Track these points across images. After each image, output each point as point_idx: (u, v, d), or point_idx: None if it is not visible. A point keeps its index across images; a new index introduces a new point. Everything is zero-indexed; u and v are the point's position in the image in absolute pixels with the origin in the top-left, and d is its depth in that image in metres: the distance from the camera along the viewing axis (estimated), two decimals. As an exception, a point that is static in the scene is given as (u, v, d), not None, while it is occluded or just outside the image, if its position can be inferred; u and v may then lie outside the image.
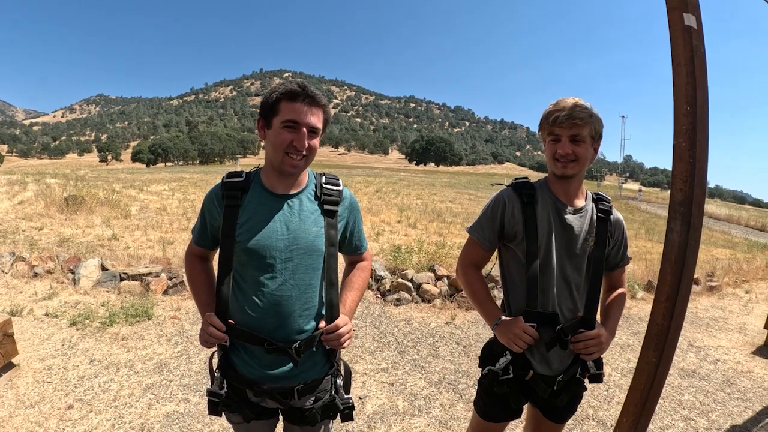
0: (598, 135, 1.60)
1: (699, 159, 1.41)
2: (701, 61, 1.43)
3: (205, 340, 1.45)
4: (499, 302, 1.81)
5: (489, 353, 1.77)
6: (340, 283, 1.63)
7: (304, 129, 1.39)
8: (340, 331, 1.49)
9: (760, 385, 4.06)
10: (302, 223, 1.47)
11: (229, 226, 1.45)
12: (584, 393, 1.85)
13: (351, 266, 1.73)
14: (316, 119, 1.41)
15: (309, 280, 1.49)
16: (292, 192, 1.50)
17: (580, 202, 1.69)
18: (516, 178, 1.73)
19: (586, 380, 1.76)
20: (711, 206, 35.41)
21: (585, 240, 1.66)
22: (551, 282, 1.63)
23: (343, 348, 1.54)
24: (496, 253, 1.81)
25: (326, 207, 1.52)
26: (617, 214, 1.74)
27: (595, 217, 1.69)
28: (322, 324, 1.51)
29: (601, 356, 1.75)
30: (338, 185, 1.56)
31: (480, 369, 1.80)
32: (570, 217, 1.65)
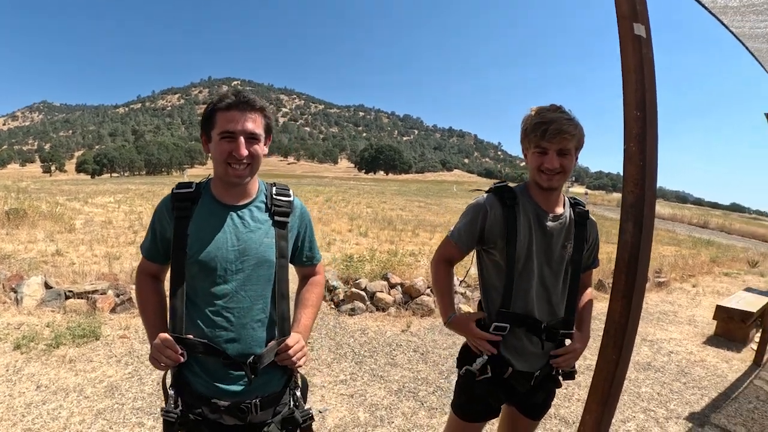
0: (581, 145, 1.63)
1: (649, 162, 1.45)
2: (650, 68, 1.48)
3: (160, 360, 1.39)
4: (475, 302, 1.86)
5: (466, 353, 1.80)
6: (293, 298, 1.62)
7: (242, 137, 1.37)
8: (290, 351, 1.46)
9: (714, 372, 4.27)
10: (252, 233, 1.45)
11: (180, 238, 1.42)
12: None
13: (304, 281, 1.70)
14: (253, 125, 1.39)
15: (260, 292, 1.46)
16: (242, 203, 1.48)
17: (559, 209, 1.71)
18: (495, 183, 1.74)
19: (560, 377, 1.82)
20: (656, 206, 37.32)
21: (563, 246, 1.70)
22: (530, 287, 1.67)
23: (298, 367, 1.52)
24: (473, 255, 1.84)
25: (277, 218, 1.50)
26: (592, 218, 1.80)
27: (573, 223, 1.73)
28: (273, 343, 1.48)
29: None
30: (289, 196, 1.55)
31: (457, 370, 1.82)
32: (550, 224, 1.67)
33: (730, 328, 5.27)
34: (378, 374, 3.91)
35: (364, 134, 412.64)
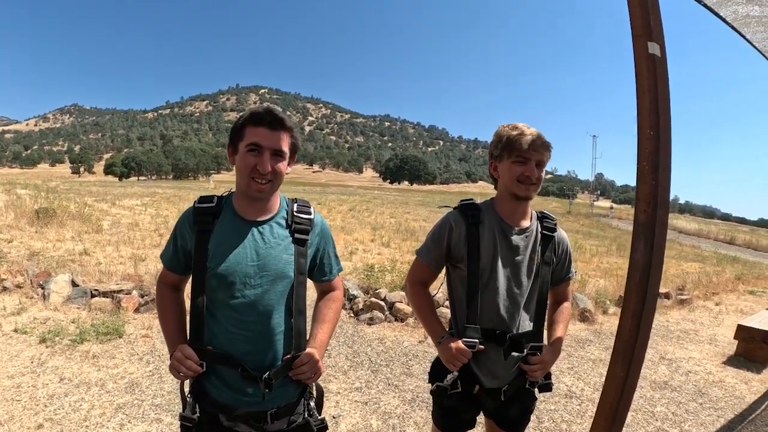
0: (548, 161, 1.71)
1: (661, 181, 1.46)
2: (664, 88, 1.50)
3: (179, 371, 1.41)
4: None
5: (437, 369, 1.84)
6: (311, 314, 1.64)
7: (267, 152, 1.40)
8: (304, 367, 1.48)
9: (732, 393, 4.18)
10: (272, 249, 1.48)
11: (201, 251, 1.45)
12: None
13: (322, 296, 1.71)
14: (280, 142, 1.43)
15: (277, 307, 1.48)
16: (263, 218, 1.50)
17: (525, 222, 1.76)
18: (462, 200, 1.79)
19: (536, 390, 1.84)
20: (681, 221, 36.37)
21: (531, 259, 1.73)
22: (496, 301, 1.69)
23: (311, 382, 1.55)
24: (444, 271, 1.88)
25: (297, 235, 1.52)
26: (561, 231, 1.84)
27: (539, 236, 1.76)
28: (288, 358, 1.50)
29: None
30: (309, 213, 1.57)
31: (429, 385, 1.86)
32: (516, 238, 1.72)
33: (752, 348, 5.13)
34: (393, 383, 3.94)
35: (390, 144, 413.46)
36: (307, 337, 1.59)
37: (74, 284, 5.47)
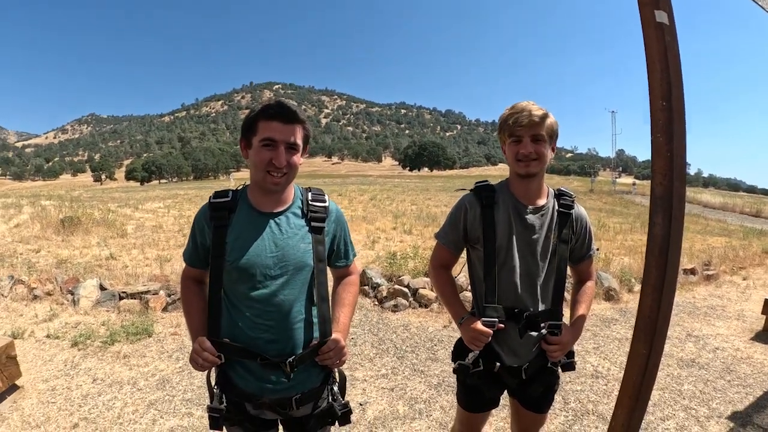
0: (555, 134, 1.69)
1: (677, 153, 1.44)
2: (675, 56, 1.47)
3: (198, 362, 1.46)
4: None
5: (459, 348, 1.86)
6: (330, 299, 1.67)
7: (282, 146, 1.42)
8: (332, 353, 1.52)
9: (760, 370, 4.09)
10: (290, 239, 1.50)
11: (218, 246, 1.47)
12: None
13: (339, 281, 1.75)
14: (294, 136, 1.44)
15: (299, 296, 1.51)
16: (279, 209, 1.53)
17: (541, 201, 1.75)
18: (477, 182, 1.79)
19: (559, 369, 1.85)
20: (705, 195, 35.51)
21: (547, 237, 1.72)
22: (514, 280, 1.70)
23: (336, 367, 1.58)
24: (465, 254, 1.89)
25: (313, 224, 1.54)
26: (579, 208, 1.82)
27: (556, 213, 1.75)
28: (315, 344, 1.53)
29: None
30: (324, 201, 1.59)
31: (452, 363, 1.88)
32: (531, 217, 1.71)
33: (781, 323, 5.02)
34: (419, 369, 3.97)
35: (407, 131, 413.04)
36: None
37: (102, 288, 5.61)
